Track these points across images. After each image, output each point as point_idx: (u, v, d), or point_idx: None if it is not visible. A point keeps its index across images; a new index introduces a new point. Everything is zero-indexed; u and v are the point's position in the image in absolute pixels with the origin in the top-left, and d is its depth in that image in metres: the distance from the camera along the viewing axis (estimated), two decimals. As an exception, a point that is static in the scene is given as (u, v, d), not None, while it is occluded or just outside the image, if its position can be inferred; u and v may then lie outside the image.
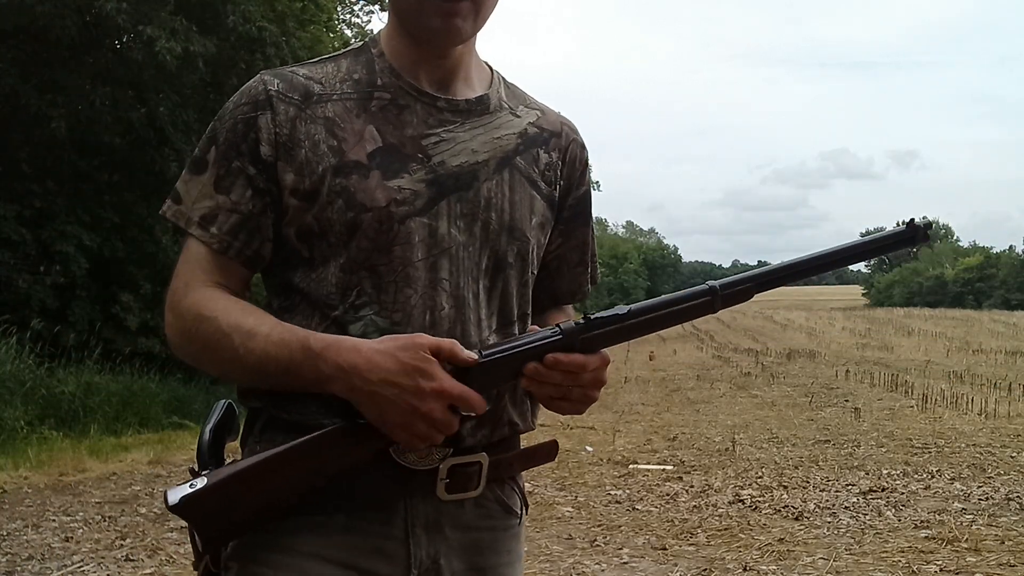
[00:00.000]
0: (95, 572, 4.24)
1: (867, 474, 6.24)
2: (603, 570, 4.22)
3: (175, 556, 4.40)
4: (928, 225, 1.17)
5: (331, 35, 14.42)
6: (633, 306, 1.13)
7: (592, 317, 1.10)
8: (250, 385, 1.14)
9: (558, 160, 1.27)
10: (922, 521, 4.90)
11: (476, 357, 1.06)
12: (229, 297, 1.14)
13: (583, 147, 1.32)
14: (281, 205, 1.14)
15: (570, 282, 1.33)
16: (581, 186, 1.31)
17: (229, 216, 1.13)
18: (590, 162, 1.33)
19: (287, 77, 1.17)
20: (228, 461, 1.12)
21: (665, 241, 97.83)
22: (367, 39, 1.25)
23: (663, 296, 1.15)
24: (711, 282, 1.15)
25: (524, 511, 1.27)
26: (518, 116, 1.25)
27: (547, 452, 1.27)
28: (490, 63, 1.28)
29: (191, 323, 1.12)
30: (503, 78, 1.28)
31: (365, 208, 1.11)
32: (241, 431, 1.18)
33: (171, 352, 1.18)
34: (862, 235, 1.97)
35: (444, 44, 1.16)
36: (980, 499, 5.38)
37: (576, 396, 1.11)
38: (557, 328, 1.09)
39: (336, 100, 1.16)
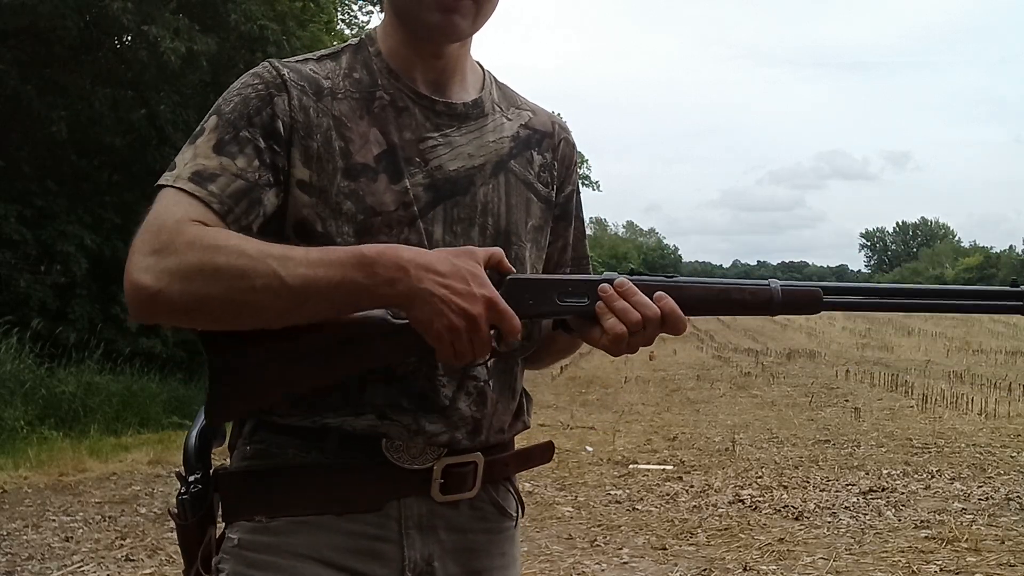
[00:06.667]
0: (95, 572, 4.24)
1: (867, 474, 6.23)
2: (603, 570, 4.22)
3: (175, 556, 4.40)
4: None
5: (331, 35, 14.41)
6: (683, 278, 1.10)
7: (637, 271, 1.10)
8: (279, 316, 1.01)
9: (552, 160, 1.26)
10: (922, 521, 4.89)
11: (514, 270, 1.08)
12: (238, 233, 1.02)
13: (573, 146, 1.31)
14: (287, 190, 1.09)
15: None
16: (568, 185, 1.30)
17: (233, 180, 1.04)
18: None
19: (297, 67, 1.13)
20: (215, 465, 1.12)
21: (665, 241, 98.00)
22: (363, 36, 1.22)
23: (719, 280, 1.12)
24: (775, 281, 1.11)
25: (520, 513, 1.26)
26: (510, 119, 1.23)
27: (543, 453, 1.27)
28: (482, 63, 1.26)
29: (199, 254, 0.97)
30: (494, 78, 1.26)
31: (375, 212, 1.10)
32: (228, 435, 1.17)
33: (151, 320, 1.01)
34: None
35: (442, 41, 1.14)
36: (980, 499, 5.38)
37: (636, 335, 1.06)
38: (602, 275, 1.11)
39: (342, 98, 1.13)
